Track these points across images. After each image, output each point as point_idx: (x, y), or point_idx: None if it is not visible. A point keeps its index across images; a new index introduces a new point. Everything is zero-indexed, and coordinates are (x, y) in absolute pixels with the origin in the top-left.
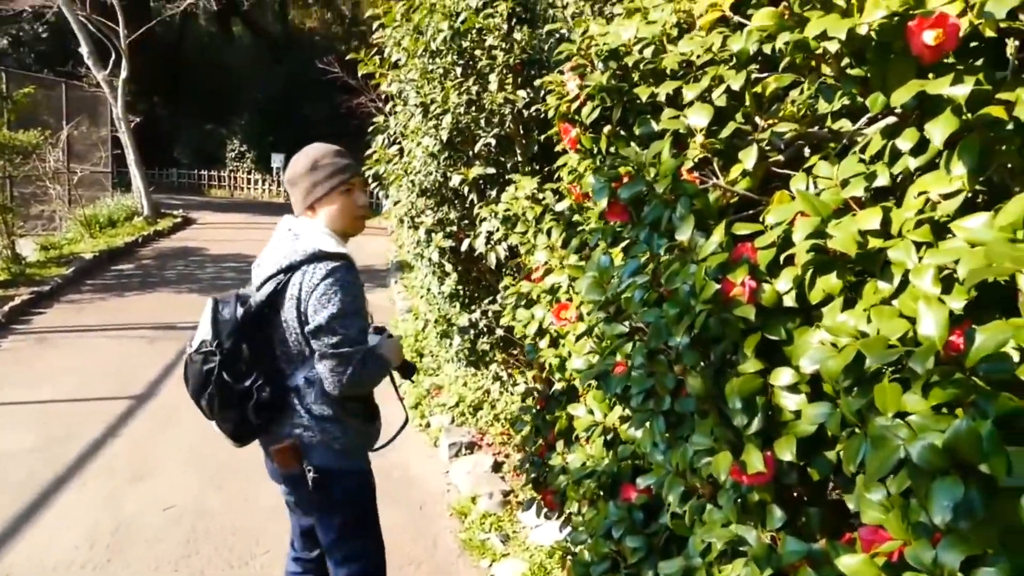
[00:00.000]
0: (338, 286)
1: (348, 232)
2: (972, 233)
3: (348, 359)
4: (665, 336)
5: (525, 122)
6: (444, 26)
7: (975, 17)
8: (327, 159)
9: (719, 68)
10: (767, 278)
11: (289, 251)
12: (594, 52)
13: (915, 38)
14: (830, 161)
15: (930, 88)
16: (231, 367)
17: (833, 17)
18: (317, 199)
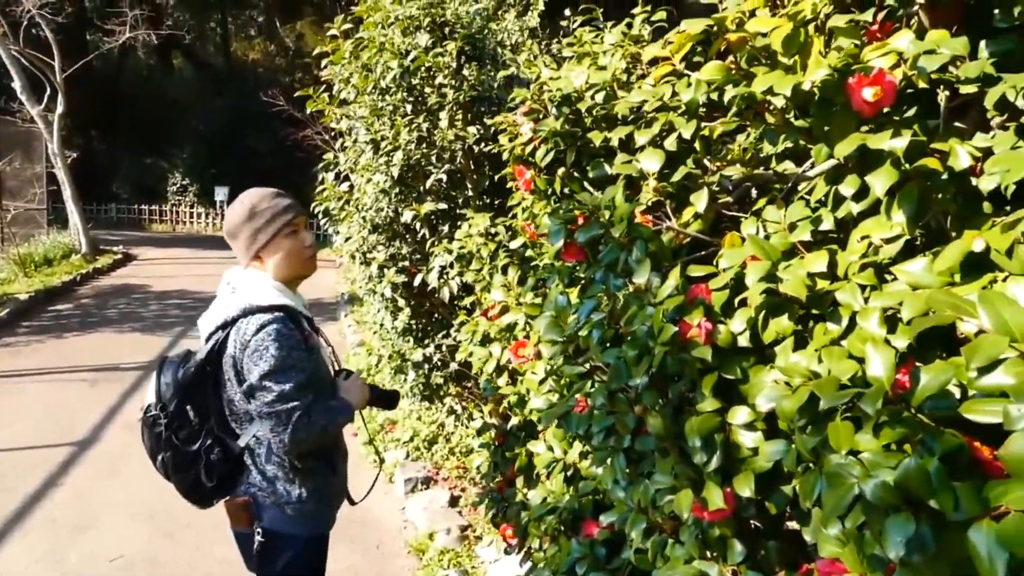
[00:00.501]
0: (270, 340)
1: (301, 274)
2: (913, 277)
3: (286, 417)
4: (625, 378)
5: (476, 158)
6: (394, 64)
7: (908, 69)
8: (265, 203)
9: (669, 114)
10: (722, 319)
11: (225, 306)
12: (547, 98)
13: (855, 94)
14: (777, 205)
15: (871, 142)
16: (179, 430)
17: (778, 74)
18: (262, 247)
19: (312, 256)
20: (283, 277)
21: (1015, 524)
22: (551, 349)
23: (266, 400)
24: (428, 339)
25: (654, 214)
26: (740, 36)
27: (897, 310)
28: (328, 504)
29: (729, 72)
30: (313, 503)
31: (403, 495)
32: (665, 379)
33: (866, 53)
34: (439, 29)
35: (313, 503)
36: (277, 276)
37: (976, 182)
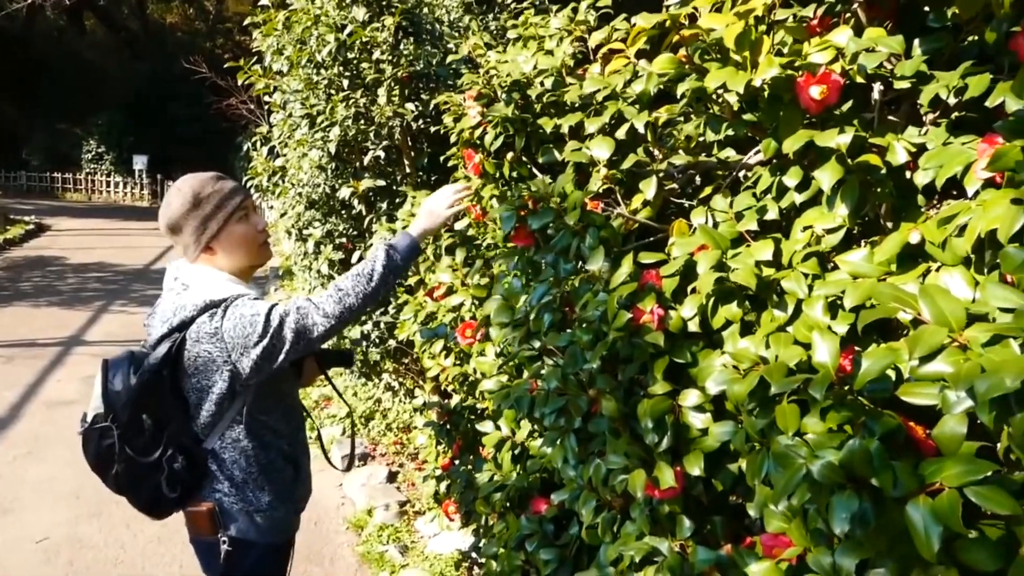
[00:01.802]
0: (240, 309)
1: (256, 262)
2: (854, 266)
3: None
4: (581, 362)
5: (414, 135)
6: (330, 38)
7: (846, 64)
8: (209, 187)
9: (619, 103)
10: (673, 305)
11: (178, 306)
12: (497, 83)
13: (803, 92)
14: (723, 194)
15: (819, 139)
16: (133, 440)
17: (730, 71)
18: (213, 236)
19: (266, 242)
20: (237, 267)
21: (948, 500)
22: (501, 332)
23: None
24: (365, 316)
25: (604, 200)
26: (693, 32)
27: (839, 297)
28: (295, 508)
29: (681, 66)
30: (281, 508)
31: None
32: (617, 362)
33: (808, 48)
34: (376, 3)
35: (281, 508)
36: (231, 267)
37: (911, 176)
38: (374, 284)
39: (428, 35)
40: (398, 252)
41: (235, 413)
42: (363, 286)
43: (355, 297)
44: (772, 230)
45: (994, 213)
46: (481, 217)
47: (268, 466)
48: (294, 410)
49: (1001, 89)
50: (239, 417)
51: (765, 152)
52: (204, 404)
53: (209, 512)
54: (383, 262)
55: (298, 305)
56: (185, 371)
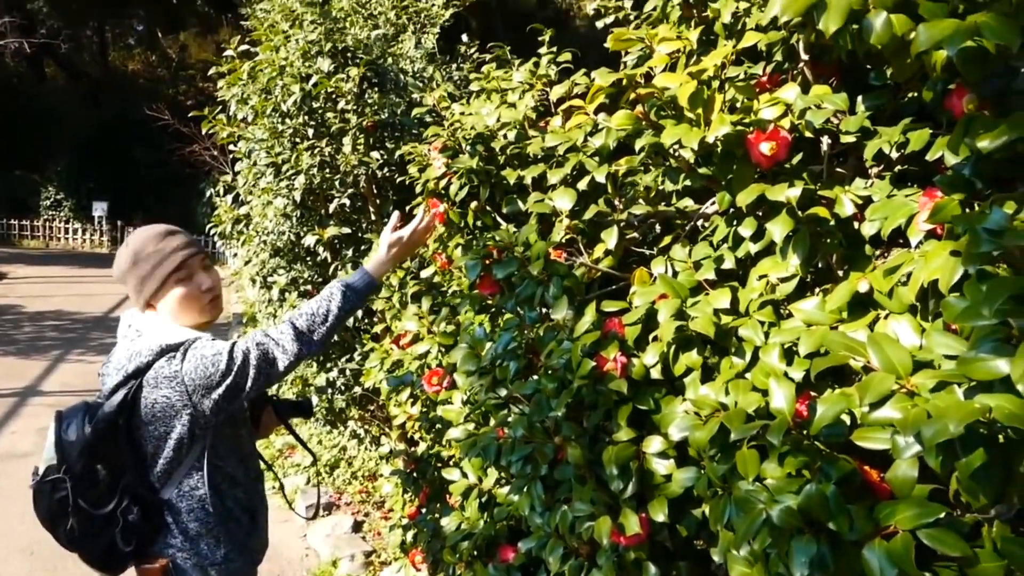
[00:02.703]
0: (200, 350)
1: (202, 321)
2: (807, 314)
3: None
4: (546, 409)
5: (379, 183)
6: (295, 89)
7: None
8: (150, 247)
9: (580, 155)
10: (635, 352)
11: (133, 353)
12: (461, 136)
13: (754, 148)
14: (682, 244)
15: (770, 193)
16: (87, 492)
17: (684, 128)
18: (152, 295)
19: (213, 299)
20: (183, 325)
21: (903, 543)
22: (467, 379)
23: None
24: (331, 363)
25: (567, 250)
26: (649, 90)
27: (795, 344)
28: (251, 559)
29: (638, 121)
30: (238, 560)
31: (304, 522)
32: (583, 410)
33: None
34: (341, 54)
35: (238, 560)
36: (176, 324)
37: (859, 226)
38: (328, 324)
39: (392, 85)
40: (354, 292)
41: (193, 460)
42: (318, 326)
43: (310, 334)
44: (729, 279)
45: (935, 264)
46: (447, 265)
47: (224, 515)
48: (251, 458)
49: (939, 144)
50: (197, 464)
51: (720, 204)
52: (162, 452)
53: (163, 569)
54: (339, 303)
55: (258, 341)
56: (142, 419)
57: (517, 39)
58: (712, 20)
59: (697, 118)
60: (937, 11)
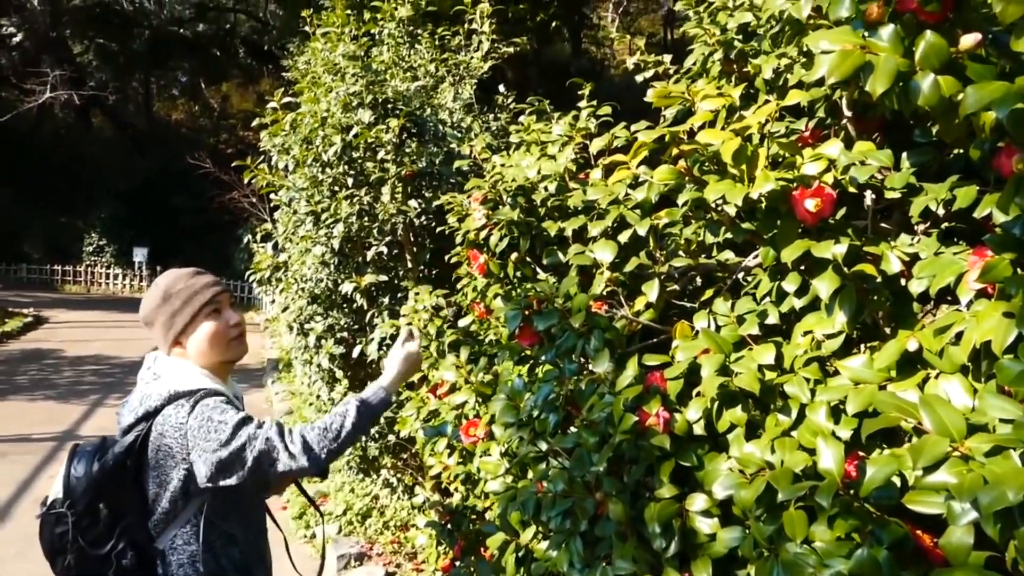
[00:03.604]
0: (209, 410)
1: (228, 358)
2: (855, 372)
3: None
4: (587, 464)
5: (416, 231)
6: (336, 139)
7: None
8: (180, 284)
9: (620, 208)
10: (678, 407)
11: (145, 395)
12: (502, 188)
13: (799, 205)
14: (724, 298)
15: (816, 250)
16: (88, 530)
17: (728, 184)
18: (180, 331)
19: (239, 336)
20: (209, 363)
21: None
22: (506, 431)
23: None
24: None
25: (607, 302)
26: (692, 147)
27: (842, 403)
28: None
29: (681, 176)
30: None
31: (335, 572)
32: (623, 465)
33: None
34: (381, 106)
35: None
36: (202, 362)
37: (906, 284)
38: (340, 440)
39: (431, 135)
40: (368, 408)
41: (190, 514)
42: (329, 442)
43: (319, 451)
44: (773, 334)
45: (987, 325)
46: (485, 315)
47: (215, 574)
48: (255, 513)
49: (988, 202)
50: (193, 519)
51: (764, 260)
52: (161, 500)
53: None
54: (353, 419)
55: (267, 436)
56: (148, 463)
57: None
58: (753, 76)
59: (741, 174)
60: (985, 73)
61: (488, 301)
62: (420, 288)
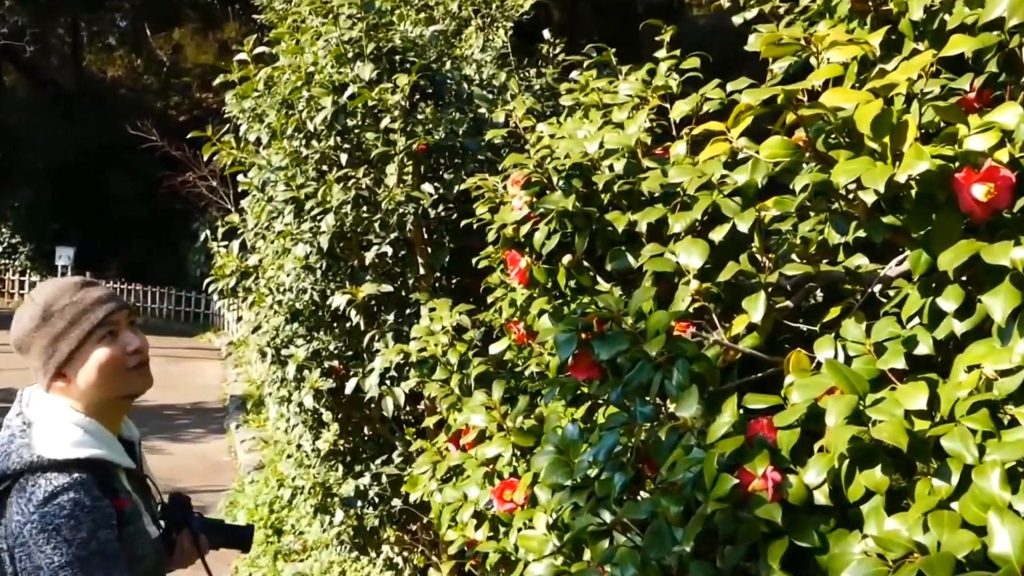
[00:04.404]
0: (63, 519)
1: (127, 392)
2: None
3: None
4: (667, 543)
5: (432, 226)
6: (326, 102)
7: (1016, 150)
8: (65, 299)
9: (713, 195)
10: (793, 467)
11: (9, 452)
12: (551, 167)
13: (963, 192)
14: (856, 319)
15: (987, 254)
16: None
17: (865, 162)
18: (64, 361)
19: (141, 364)
20: (101, 399)
21: None
22: (555, 496)
23: None
24: (361, 465)
25: (695, 323)
26: (814, 111)
27: (1022, 464)
28: None
29: (798, 152)
30: None
31: None
32: (717, 544)
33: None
34: (386, 57)
35: None
36: (92, 398)
37: None
38: None
39: (453, 97)
40: None
41: None
42: None
43: None
44: (925, 369)
45: None
46: (525, 339)
47: None
48: None
49: None
50: None
51: (915, 267)
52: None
53: None
54: None
55: None
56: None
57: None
58: (896, 16)
59: (882, 149)
60: None
61: (530, 320)
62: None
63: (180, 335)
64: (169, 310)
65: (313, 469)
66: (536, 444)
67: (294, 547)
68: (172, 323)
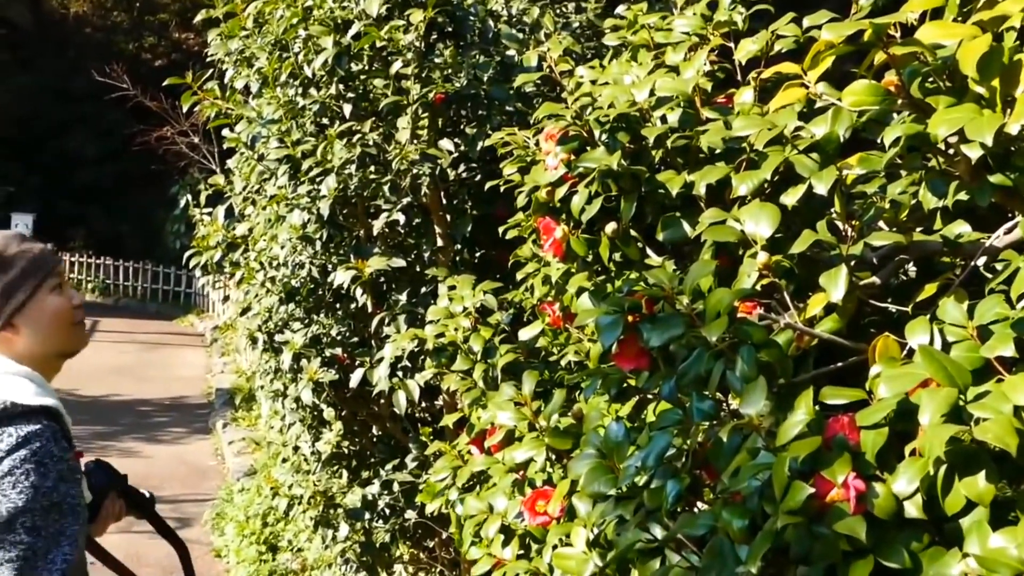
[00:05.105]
0: (31, 464)
1: (70, 349)
2: None
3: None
4: (730, 562)
5: (451, 189)
6: (327, 42)
7: None
8: (14, 247)
9: (786, 151)
10: (879, 474)
11: None
12: (593, 118)
13: None
14: (956, 296)
15: None
16: None
17: (970, 110)
18: (17, 310)
19: (82, 322)
20: (43, 354)
21: None
22: (596, 508)
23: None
24: (368, 471)
25: (763, 303)
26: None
27: None
28: None
29: (889, 98)
30: None
31: None
32: (788, 565)
33: None
34: None
35: None
36: (34, 354)
37: None
38: None
39: (476, 36)
40: None
41: None
42: None
43: None
44: None
45: None
46: (561, 323)
47: None
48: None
49: None
50: None
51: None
52: None
53: None
54: None
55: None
56: None
57: None
58: None
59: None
60: None
61: (567, 300)
62: (457, 279)
63: (158, 318)
64: (144, 288)
65: (313, 476)
66: (574, 446)
67: (291, 566)
68: (148, 304)
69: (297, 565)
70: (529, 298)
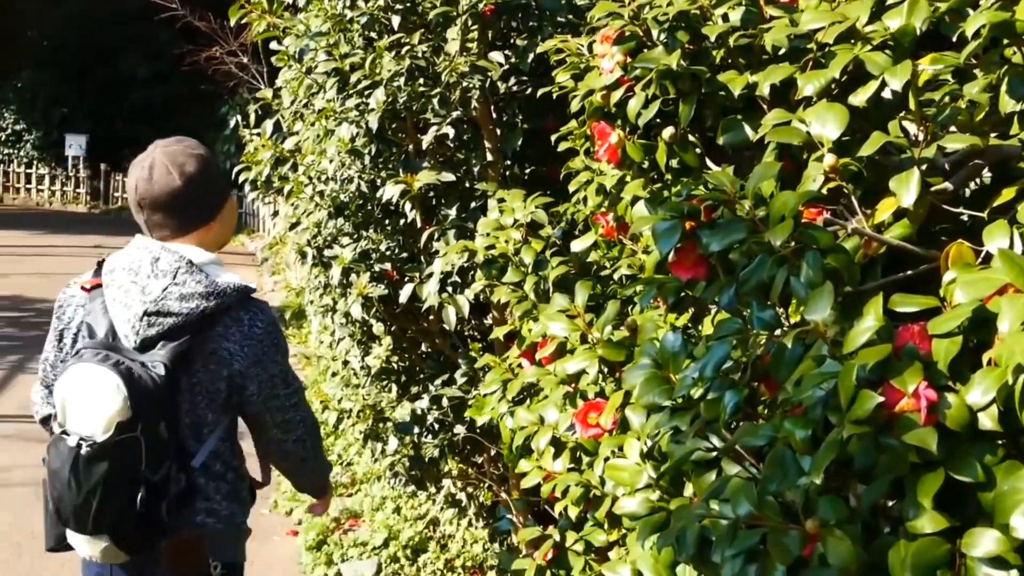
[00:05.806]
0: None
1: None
2: None
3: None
4: (791, 474)
5: (501, 102)
6: None
7: None
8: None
9: (855, 48)
10: (952, 384)
11: (193, 292)
12: (650, 17)
13: None
14: None
15: None
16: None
17: None
18: (219, 211)
19: None
20: (224, 243)
21: None
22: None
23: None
24: (418, 386)
25: (830, 208)
26: None
27: None
28: None
29: None
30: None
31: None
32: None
33: None
34: None
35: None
36: (219, 245)
37: None
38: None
39: None
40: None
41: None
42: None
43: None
44: None
45: None
46: (614, 233)
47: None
48: None
49: None
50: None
51: None
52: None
53: (198, 541)
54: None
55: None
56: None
57: None
58: None
59: None
60: None
61: (622, 209)
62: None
63: None
64: None
65: (362, 390)
66: (628, 358)
67: (341, 479)
68: None
69: (347, 479)
70: (582, 210)
